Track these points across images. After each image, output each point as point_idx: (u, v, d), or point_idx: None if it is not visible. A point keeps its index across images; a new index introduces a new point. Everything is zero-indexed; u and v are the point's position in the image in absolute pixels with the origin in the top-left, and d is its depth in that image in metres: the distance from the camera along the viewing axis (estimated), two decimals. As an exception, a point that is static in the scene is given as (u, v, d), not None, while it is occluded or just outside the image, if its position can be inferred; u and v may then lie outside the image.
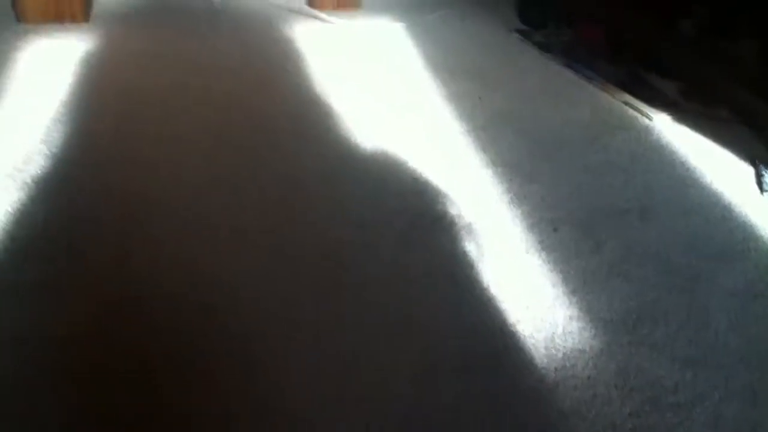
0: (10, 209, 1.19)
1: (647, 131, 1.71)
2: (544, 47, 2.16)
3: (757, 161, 1.58)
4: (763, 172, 1.54)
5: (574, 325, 1.06)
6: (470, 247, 1.22)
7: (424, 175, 1.43)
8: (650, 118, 1.76)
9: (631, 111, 1.81)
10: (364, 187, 1.38)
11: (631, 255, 1.24)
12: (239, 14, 2.21)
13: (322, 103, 1.68)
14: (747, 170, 1.56)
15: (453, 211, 1.32)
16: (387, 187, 1.39)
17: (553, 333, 1.04)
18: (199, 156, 1.43)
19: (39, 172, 1.30)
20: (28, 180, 1.28)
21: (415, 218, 1.29)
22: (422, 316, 1.06)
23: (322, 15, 2.22)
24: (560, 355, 1.00)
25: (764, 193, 1.47)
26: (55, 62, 1.74)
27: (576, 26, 2.23)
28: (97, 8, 2.07)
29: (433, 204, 1.34)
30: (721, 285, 1.18)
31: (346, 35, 2.14)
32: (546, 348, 1.01)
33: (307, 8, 2.25)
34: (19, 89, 1.60)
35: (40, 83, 1.63)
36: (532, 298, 1.11)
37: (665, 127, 1.72)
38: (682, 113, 1.78)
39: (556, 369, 0.98)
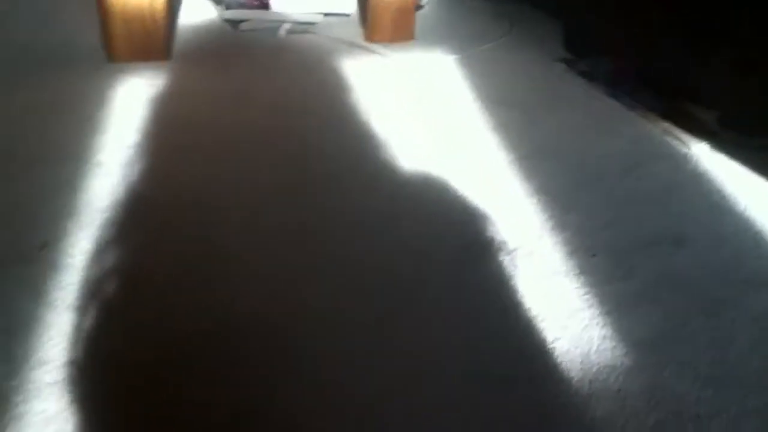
0: (91, 245, 1.37)
1: (685, 160, 1.81)
2: (587, 76, 2.28)
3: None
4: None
5: (607, 344, 1.19)
6: (515, 271, 1.36)
7: (472, 204, 1.58)
8: (689, 147, 1.87)
9: (670, 140, 1.91)
10: (417, 216, 1.53)
11: (663, 281, 1.36)
12: (302, 49, 2.40)
13: (377, 137, 1.85)
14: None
15: (499, 237, 1.46)
16: (438, 215, 1.54)
17: (588, 350, 1.17)
18: (265, 193, 1.59)
19: (121, 208, 1.48)
20: (112, 216, 1.45)
21: (465, 244, 1.44)
22: (471, 333, 1.21)
23: (378, 48, 2.39)
24: (594, 369, 1.13)
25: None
26: (139, 99, 1.95)
27: (616, 55, 2.35)
28: (176, 46, 2.28)
29: (481, 231, 1.48)
30: (746, 311, 1.29)
31: (400, 68, 2.30)
32: (581, 363, 1.15)
33: (363, 42, 2.43)
34: (108, 126, 1.81)
35: (127, 119, 1.84)
36: (570, 319, 1.24)
37: (703, 156, 1.82)
38: (719, 142, 1.88)
39: (590, 382, 1.11)
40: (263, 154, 1.74)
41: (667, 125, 1.97)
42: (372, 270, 1.35)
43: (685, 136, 1.91)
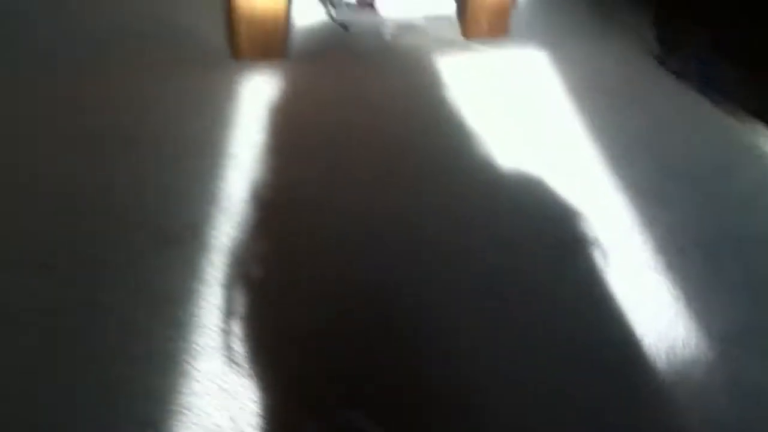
0: (233, 230, 1.57)
1: (776, 160, 1.86)
2: (680, 73, 2.32)
3: None
4: None
5: (693, 337, 1.30)
6: (605, 266, 1.48)
7: (564, 199, 1.70)
8: (782, 148, 1.91)
9: (762, 139, 1.95)
10: (513, 212, 1.66)
11: (750, 278, 1.45)
12: (405, 49, 2.53)
13: (474, 134, 1.97)
14: None
15: (591, 233, 1.58)
16: (533, 211, 1.67)
17: (674, 343, 1.29)
18: (371, 192, 1.74)
19: (252, 201, 1.67)
20: (246, 207, 1.65)
21: (559, 240, 1.57)
22: (563, 322, 1.35)
23: (475, 45, 2.51)
24: (679, 361, 1.25)
25: None
26: (261, 97, 2.14)
27: (708, 51, 2.37)
28: (291, 46, 2.46)
29: (574, 227, 1.61)
30: (835, 310, 1.37)
31: (495, 64, 2.41)
32: (667, 356, 1.27)
33: (461, 39, 2.55)
34: (237, 120, 2.01)
35: (252, 115, 2.03)
36: (657, 313, 1.36)
37: (796, 157, 1.87)
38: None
39: (675, 373, 1.23)
40: (369, 152, 1.90)
41: (759, 124, 2.01)
42: (467, 261, 1.50)
43: (779, 137, 1.95)
